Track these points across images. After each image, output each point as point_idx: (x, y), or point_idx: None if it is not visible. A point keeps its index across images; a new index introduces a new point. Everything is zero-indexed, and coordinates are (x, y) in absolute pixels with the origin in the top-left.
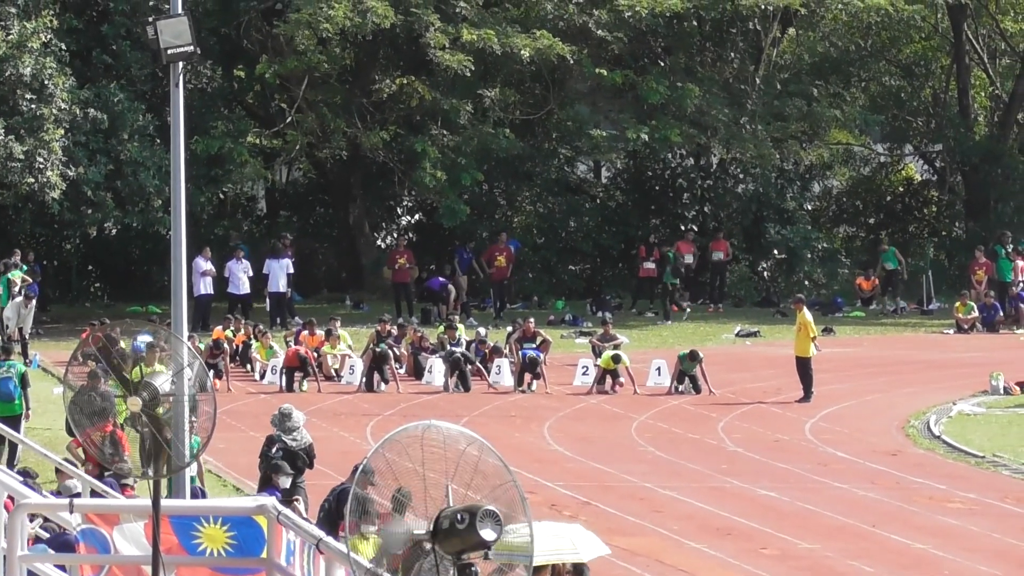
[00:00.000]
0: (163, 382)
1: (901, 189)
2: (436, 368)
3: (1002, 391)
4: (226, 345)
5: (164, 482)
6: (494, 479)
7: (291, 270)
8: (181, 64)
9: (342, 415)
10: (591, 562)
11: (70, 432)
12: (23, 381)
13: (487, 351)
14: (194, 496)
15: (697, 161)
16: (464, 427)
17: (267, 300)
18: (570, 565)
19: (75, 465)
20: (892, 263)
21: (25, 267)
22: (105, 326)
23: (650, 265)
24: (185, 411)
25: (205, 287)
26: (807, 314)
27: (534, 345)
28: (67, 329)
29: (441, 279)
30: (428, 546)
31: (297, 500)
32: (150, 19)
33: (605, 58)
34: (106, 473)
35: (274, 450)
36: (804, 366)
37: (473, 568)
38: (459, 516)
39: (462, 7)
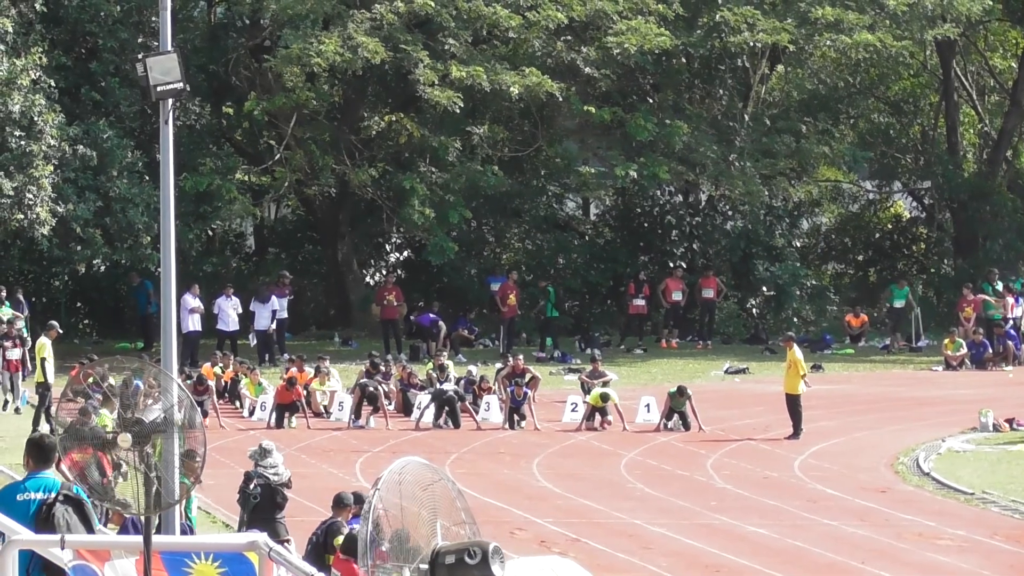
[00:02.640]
0: (154, 418)
1: (890, 226)
2: (425, 404)
3: (991, 428)
4: (210, 383)
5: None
6: (458, 515)
7: (276, 307)
8: (171, 101)
9: (331, 451)
10: None
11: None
12: None
13: (476, 388)
14: (184, 532)
15: (686, 198)
16: (452, 464)
17: (253, 337)
18: None
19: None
20: (900, 299)
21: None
22: (95, 363)
23: (639, 302)
24: (175, 447)
25: (193, 324)
26: (797, 352)
27: (523, 381)
28: (56, 366)
29: (431, 315)
30: None
31: (289, 540)
32: (139, 56)
33: (593, 95)
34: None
35: (252, 485)
36: (793, 403)
37: None
38: (470, 552)
39: (451, 44)
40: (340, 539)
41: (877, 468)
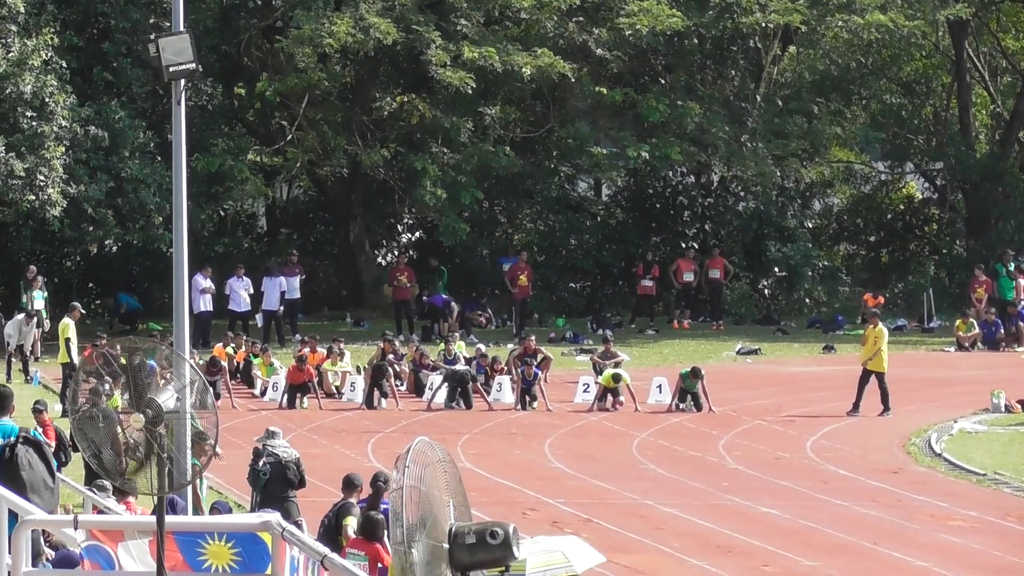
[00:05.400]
0: (167, 399)
1: (902, 207)
2: (437, 385)
3: (1003, 409)
4: (223, 363)
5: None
6: (461, 496)
7: (284, 287)
8: (183, 81)
9: (343, 432)
10: (589, 572)
11: (75, 448)
12: None
13: (488, 368)
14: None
15: (698, 179)
16: (464, 445)
17: (260, 317)
18: None
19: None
20: (1008, 292)
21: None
22: (107, 343)
23: (648, 283)
24: (187, 429)
25: (204, 304)
26: (884, 328)
27: (535, 362)
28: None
29: (443, 296)
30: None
31: (300, 522)
32: (152, 36)
33: (605, 76)
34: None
35: (261, 463)
36: (881, 380)
37: None
38: (492, 533)
39: (463, 25)
40: (350, 519)
41: (889, 449)
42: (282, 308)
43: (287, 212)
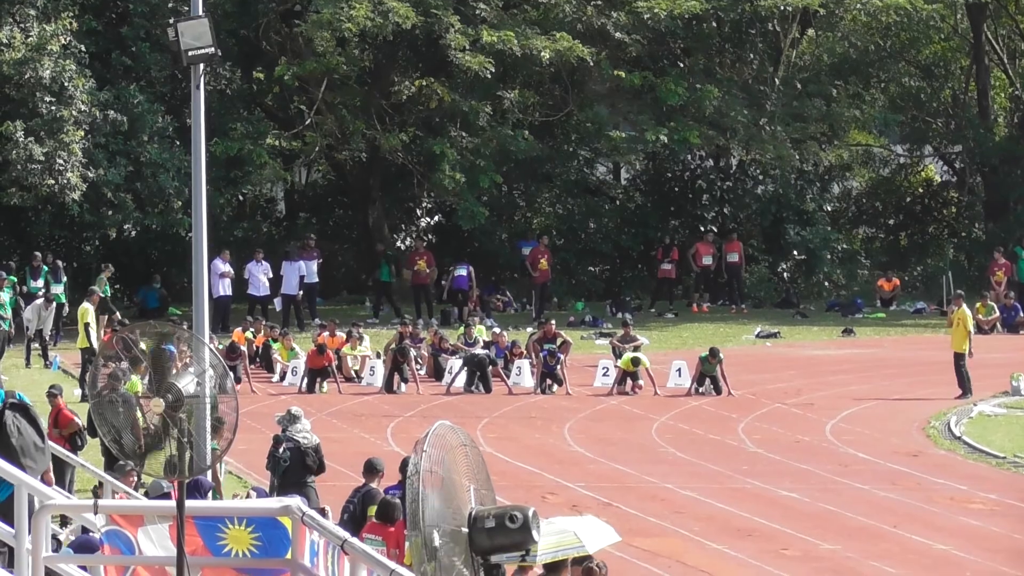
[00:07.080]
0: (187, 384)
1: (920, 190)
2: (456, 369)
3: (1023, 392)
4: (243, 348)
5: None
6: (484, 480)
7: (303, 272)
8: (202, 66)
9: (362, 416)
10: (608, 550)
11: (93, 433)
12: None
13: (508, 351)
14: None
15: (716, 162)
16: (483, 429)
17: (279, 302)
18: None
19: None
20: None
21: (46, 268)
22: (126, 327)
23: (667, 266)
24: (207, 413)
25: (223, 289)
26: (966, 310)
27: (554, 346)
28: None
29: (464, 274)
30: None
31: (325, 509)
32: (171, 21)
33: (624, 60)
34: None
35: (281, 449)
36: (959, 361)
37: (501, 568)
38: (512, 517)
39: (482, 9)
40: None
41: (909, 432)
42: (301, 292)
43: (306, 196)
